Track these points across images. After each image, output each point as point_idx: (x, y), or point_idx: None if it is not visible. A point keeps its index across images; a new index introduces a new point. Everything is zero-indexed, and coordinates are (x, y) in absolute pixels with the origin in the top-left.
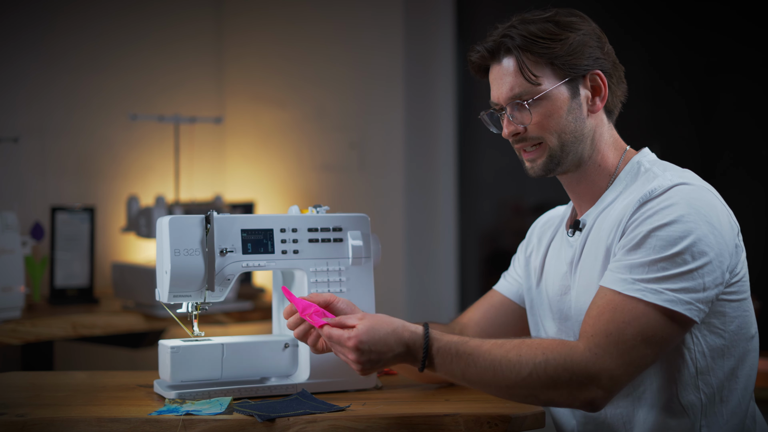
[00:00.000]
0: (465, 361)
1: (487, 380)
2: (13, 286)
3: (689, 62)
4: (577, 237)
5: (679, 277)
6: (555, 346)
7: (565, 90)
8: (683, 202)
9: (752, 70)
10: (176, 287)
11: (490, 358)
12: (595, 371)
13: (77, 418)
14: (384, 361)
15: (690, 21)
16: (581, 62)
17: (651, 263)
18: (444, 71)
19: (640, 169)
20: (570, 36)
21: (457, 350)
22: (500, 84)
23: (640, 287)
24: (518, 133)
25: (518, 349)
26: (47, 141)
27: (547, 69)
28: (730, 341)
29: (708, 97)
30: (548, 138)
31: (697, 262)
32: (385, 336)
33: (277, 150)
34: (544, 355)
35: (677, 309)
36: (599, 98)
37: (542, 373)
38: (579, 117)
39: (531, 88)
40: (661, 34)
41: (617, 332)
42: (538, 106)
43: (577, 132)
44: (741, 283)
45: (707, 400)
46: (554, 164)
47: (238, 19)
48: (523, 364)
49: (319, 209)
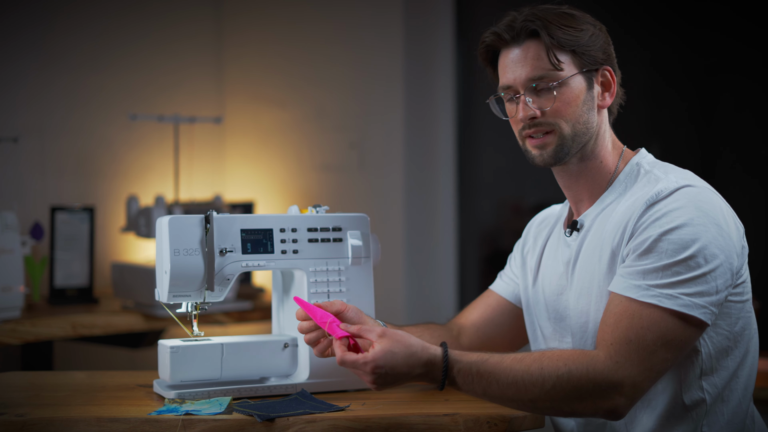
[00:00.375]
0: (486, 380)
1: (509, 396)
2: (13, 286)
3: (689, 62)
4: (575, 237)
5: (693, 281)
6: (576, 357)
7: (582, 80)
8: (691, 205)
9: (752, 70)
10: (176, 287)
11: (512, 374)
12: (617, 379)
13: (77, 418)
14: (401, 382)
15: (690, 21)
16: (598, 55)
17: (664, 268)
18: (444, 71)
19: (639, 171)
20: (588, 28)
21: (477, 370)
22: (520, 67)
23: (656, 293)
24: (534, 117)
25: (539, 362)
26: (47, 141)
27: (568, 56)
28: (734, 342)
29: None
30: (562, 125)
31: (709, 265)
32: (403, 359)
33: (277, 150)
34: (567, 367)
35: (693, 313)
36: (608, 94)
37: (566, 385)
38: (591, 109)
39: (553, 73)
40: (661, 34)
41: (637, 339)
42: (558, 91)
43: (588, 124)
44: (745, 284)
45: (711, 400)
46: (564, 153)
47: (237, 19)
48: (546, 378)
49: (319, 209)
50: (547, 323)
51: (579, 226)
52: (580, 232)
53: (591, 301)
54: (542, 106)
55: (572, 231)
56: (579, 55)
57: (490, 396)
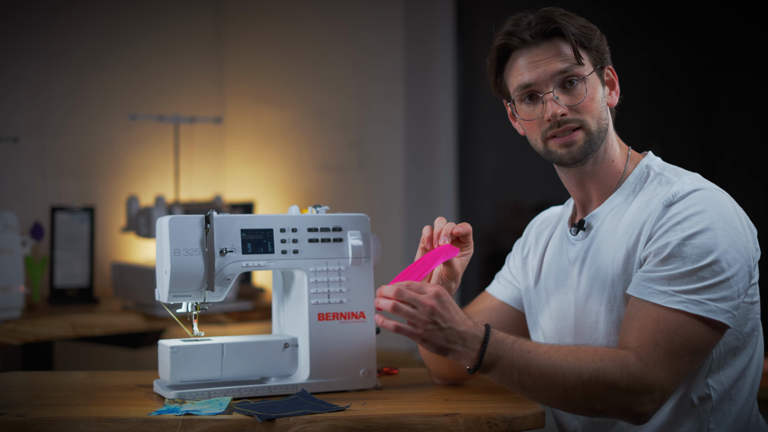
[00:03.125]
0: (525, 359)
1: (545, 382)
2: (13, 286)
3: (689, 62)
4: (582, 236)
5: (717, 286)
6: (610, 354)
7: (597, 77)
8: (711, 210)
9: (752, 70)
10: (176, 287)
11: (551, 360)
12: (650, 382)
13: (77, 418)
14: (445, 333)
15: (690, 21)
16: (605, 54)
17: (689, 273)
18: (444, 71)
19: (649, 173)
20: (594, 28)
21: (519, 347)
22: (543, 64)
23: (682, 299)
24: (564, 114)
25: (575, 354)
26: (47, 141)
27: (585, 54)
28: (742, 342)
29: (708, 97)
30: (589, 121)
31: (732, 269)
32: (457, 310)
33: (277, 150)
34: (602, 362)
35: (719, 319)
36: (614, 92)
37: (602, 380)
38: (605, 106)
39: (578, 69)
40: (661, 34)
41: (664, 343)
42: (583, 88)
43: (606, 121)
44: (755, 286)
45: (717, 397)
46: (592, 149)
47: (238, 19)
48: (584, 368)
49: (319, 209)
50: (549, 322)
51: (586, 225)
52: (586, 231)
53: (603, 301)
54: (571, 102)
55: (578, 230)
56: (594, 53)
57: (524, 380)
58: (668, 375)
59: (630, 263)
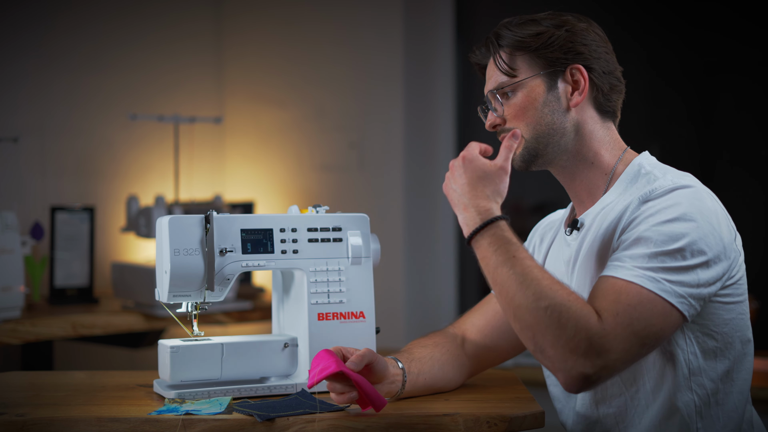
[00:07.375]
0: (511, 253)
1: (514, 285)
2: (13, 285)
3: (689, 62)
4: (575, 236)
5: (676, 270)
6: (581, 302)
7: (542, 82)
8: (686, 202)
9: (752, 70)
10: (176, 287)
11: (530, 272)
12: (600, 345)
13: (77, 417)
14: (469, 194)
15: (690, 21)
16: (558, 56)
17: (651, 255)
18: (444, 71)
19: (640, 171)
20: (548, 31)
21: (510, 239)
22: (487, 78)
23: (639, 273)
24: (498, 124)
25: (553, 282)
26: (47, 141)
27: (521, 61)
28: (723, 343)
29: (707, 97)
30: (522, 129)
31: (695, 259)
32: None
33: (277, 150)
34: (569, 302)
35: (671, 300)
36: (578, 93)
37: (560, 315)
38: (556, 110)
39: (508, 80)
40: (661, 34)
41: (624, 314)
42: (514, 97)
43: (554, 125)
44: (736, 286)
45: (701, 401)
46: (532, 156)
47: (237, 19)
48: (550, 297)
49: (319, 209)
50: None
51: (579, 225)
52: (580, 231)
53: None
54: (501, 113)
55: (572, 230)
56: (537, 57)
57: (498, 273)
58: (620, 349)
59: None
